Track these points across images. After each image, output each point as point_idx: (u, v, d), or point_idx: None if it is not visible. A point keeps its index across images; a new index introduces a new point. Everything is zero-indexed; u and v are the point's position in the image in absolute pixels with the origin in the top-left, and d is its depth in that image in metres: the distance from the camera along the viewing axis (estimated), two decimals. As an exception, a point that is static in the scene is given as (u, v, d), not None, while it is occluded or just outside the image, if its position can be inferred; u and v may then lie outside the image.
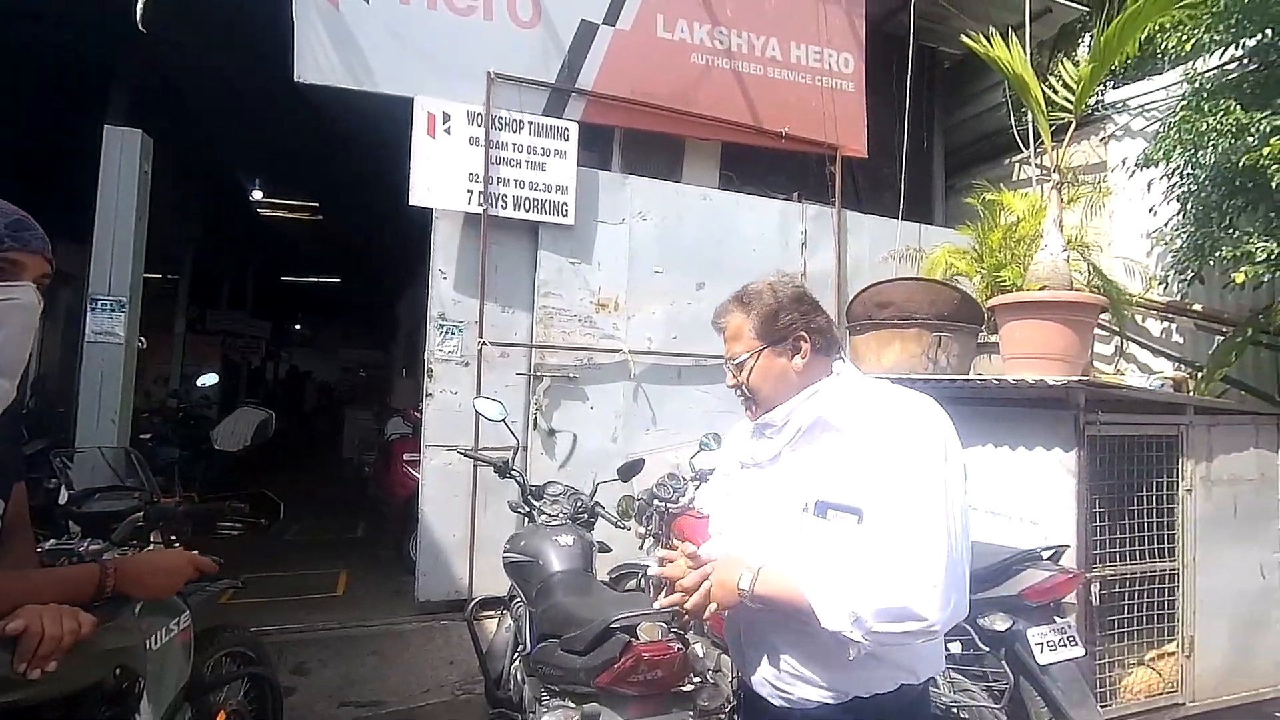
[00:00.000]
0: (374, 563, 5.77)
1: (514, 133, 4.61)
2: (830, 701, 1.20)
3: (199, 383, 8.01)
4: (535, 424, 4.63)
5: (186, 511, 1.80)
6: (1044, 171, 5.41)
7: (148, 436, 5.86)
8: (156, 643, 1.26)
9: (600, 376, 4.83)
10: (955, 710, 2.64)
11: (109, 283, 4.12)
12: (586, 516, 2.98)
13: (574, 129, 4.76)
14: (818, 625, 1.12)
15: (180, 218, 9.08)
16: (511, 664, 2.81)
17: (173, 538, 1.85)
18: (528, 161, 4.62)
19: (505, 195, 4.57)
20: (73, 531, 1.73)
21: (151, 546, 1.76)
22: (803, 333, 1.31)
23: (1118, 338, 5.22)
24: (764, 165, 5.77)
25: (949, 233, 5.65)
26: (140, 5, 3.61)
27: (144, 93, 5.63)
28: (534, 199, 4.63)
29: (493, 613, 3.31)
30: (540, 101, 4.79)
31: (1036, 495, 3.00)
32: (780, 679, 1.24)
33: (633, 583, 3.49)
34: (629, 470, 3.21)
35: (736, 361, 1.35)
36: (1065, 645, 2.51)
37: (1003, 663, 2.53)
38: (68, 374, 6.51)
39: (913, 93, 5.42)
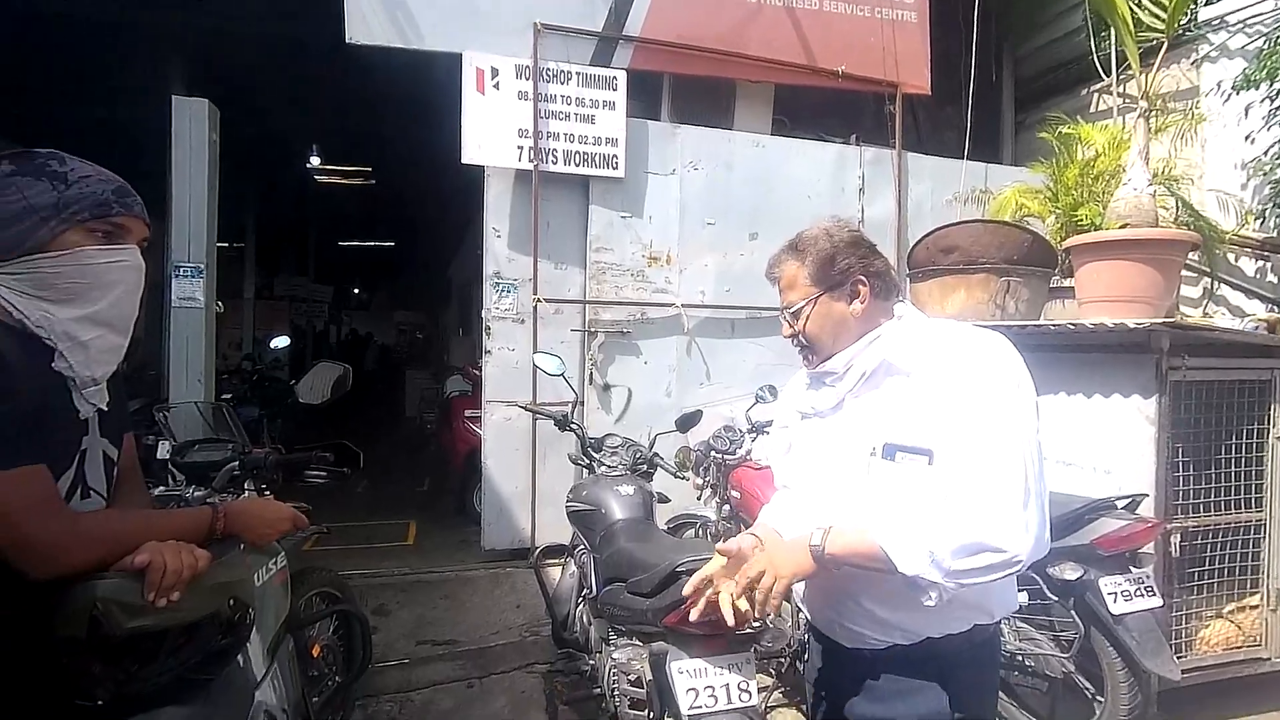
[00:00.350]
0: (440, 514, 6.04)
1: (562, 84, 4.55)
2: (902, 642, 1.21)
3: (272, 344, 8.42)
4: (590, 379, 4.69)
5: (277, 461, 1.92)
6: (1127, 100, 5.02)
7: (228, 397, 6.22)
8: (260, 580, 1.36)
9: (653, 331, 4.84)
10: (1020, 658, 2.63)
11: (188, 250, 4.33)
12: (645, 467, 3.04)
13: (622, 78, 4.66)
14: (895, 572, 1.11)
15: (242, 186, 9.42)
16: (577, 607, 2.93)
17: (264, 486, 1.98)
18: (576, 114, 4.57)
19: (555, 150, 4.54)
20: (177, 480, 1.87)
21: (246, 494, 1.90)
22: (861, 276, 1.28)
23: (1207, 278, 4.88)
24: (819, 107, 5.53)
25: (1019, 171, 5.34)
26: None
27: (204, 62, 5.78)
28: (584, 152, 4.59)
29: (556, 560, 3.44)
30: (587, 51, 4.70)
31: (1112, 444, 2.89)
32: (851, 621, 1.25)
33: (691, 531, 3.56)
34: (687, 422, 3.24)
35: (793, 310, 1.32)
36: (1141, 595, 2.44)
37: (1072, 612, 2.49)
38: (153, 339, 6.93)
39: (980, 22, 5.07)
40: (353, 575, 4.15)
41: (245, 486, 1.92)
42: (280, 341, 8.20)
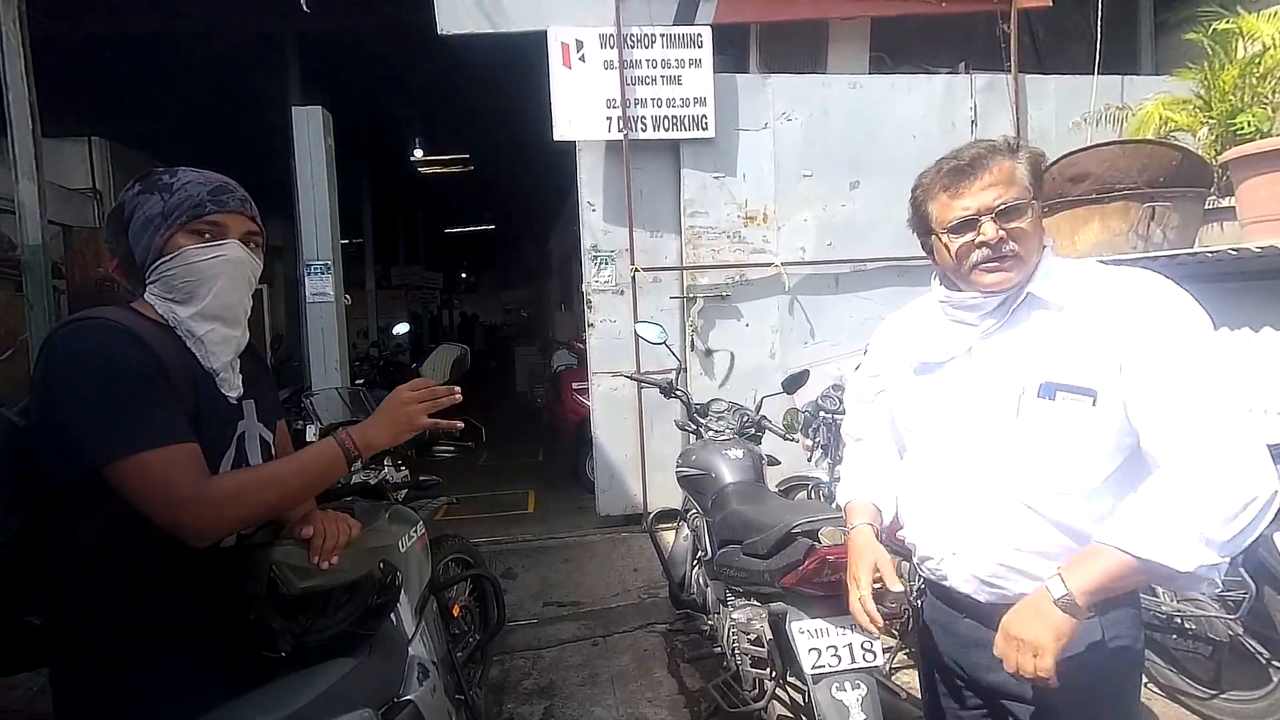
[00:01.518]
0: (556, 483, 6.32)
1: (646, 49, 4.49)
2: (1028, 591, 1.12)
3: (395, 331, 9.06)
4: (692, 345, 4.69)
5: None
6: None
7: (360, 382, 6.78)
8: (403, 546, 1.50)
9: (753, 292, 4.75)
10: (1179, 620, 2.41)
11: (316, 249, 4.71)
12: (753, 430, 3.02)
13: (707, 33, 4.52)
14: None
15: (357, 184, 10.08)
16: (692, 570, 2.99)
17: (399, 461, 2.16)
18: (663, 77, 4.50)
19: (644, 117, 4.51)
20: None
21: (385, 469, 2.07)
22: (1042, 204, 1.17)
23: None
24: (921, 38, 5.12)
25: (1162, 81, 4.70)
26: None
27: (314, 70, 6.19)
28: (672, 116, 4.52)
29: (669, 524, 3.51)
30: (670, 10, 4.59)
31: (1286, 383, 2.54)
32: (994, 575, 1.17)
33: (803, 494, 3.51)
34: (794, 382, 3.18)
35: (1013, 206, 1.12)
36: (1328, 551, 2.16)
37: (1240, 569, 2.24)
38: (294, 333, 7.65)
39: (1109, -87, 4.47)
40: (480, 542, 4.46)
41: (384, 462, 2.10)
42: (401, 328, 8.82)
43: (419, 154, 9.81)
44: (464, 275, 23.39)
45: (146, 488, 1.05)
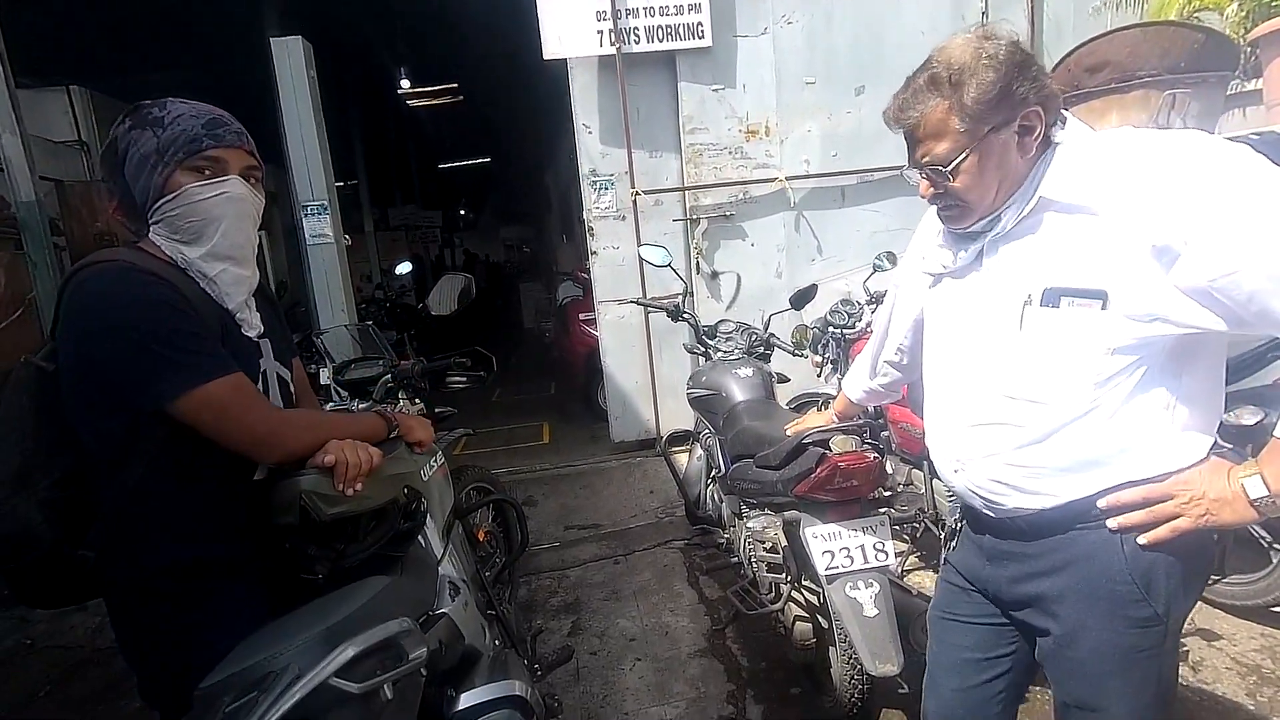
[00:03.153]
0: (569, 414, 6.42)
1: (635, -48, 4.23)
2: (1048, 507, 1.10)
3: (397, 271, 8.99)
4: (698, 268, 4.65)
5: (423, 370, 2.10)
6: None
7: (369, 324, 6.80)
8: (426, 474, 1.54)
9: (757, 210, 4.65)
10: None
11: (310, 189, 4.63)
12: (762, 349, 3.03)
13: (699, -68, 4.25)
14: None
15: (346, 124, 9.77)
16: (707, 487, 3.07)
17: (414, 395, 2.19)
18: (654, -18, 4.26)
19: (637, 28, 4.30)
20: (342, 396, 2.11)
21: (401, 403, 2.11)
22: (1037, 107, 1.02)
23: None
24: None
25: (1188, -42, 4.41)
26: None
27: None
28: (666, 25, 4.31)
29: (682, 446, 3.59)
30: (658, -92, 4.30)
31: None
32: (989, 490, 1.15)
33: (814, 409, 3.55)
34: (802, 298, 3.15)
35: (945, 165, 1.05)
36: (1337, 436, 2.17)
37: (1246, 455, 2.27)
38: (297, 279, 7.61)
39: None
40: (499, 473, 4.58)
41: (399, 396, 2.14)
42: (404, 267, 8.75)
43: (406, 85, 9.45)
44: (463, 212, 22.99)
45: (222, 415, 1.10)
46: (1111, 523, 1.06)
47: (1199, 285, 0.92)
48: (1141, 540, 1.04)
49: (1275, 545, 2.32)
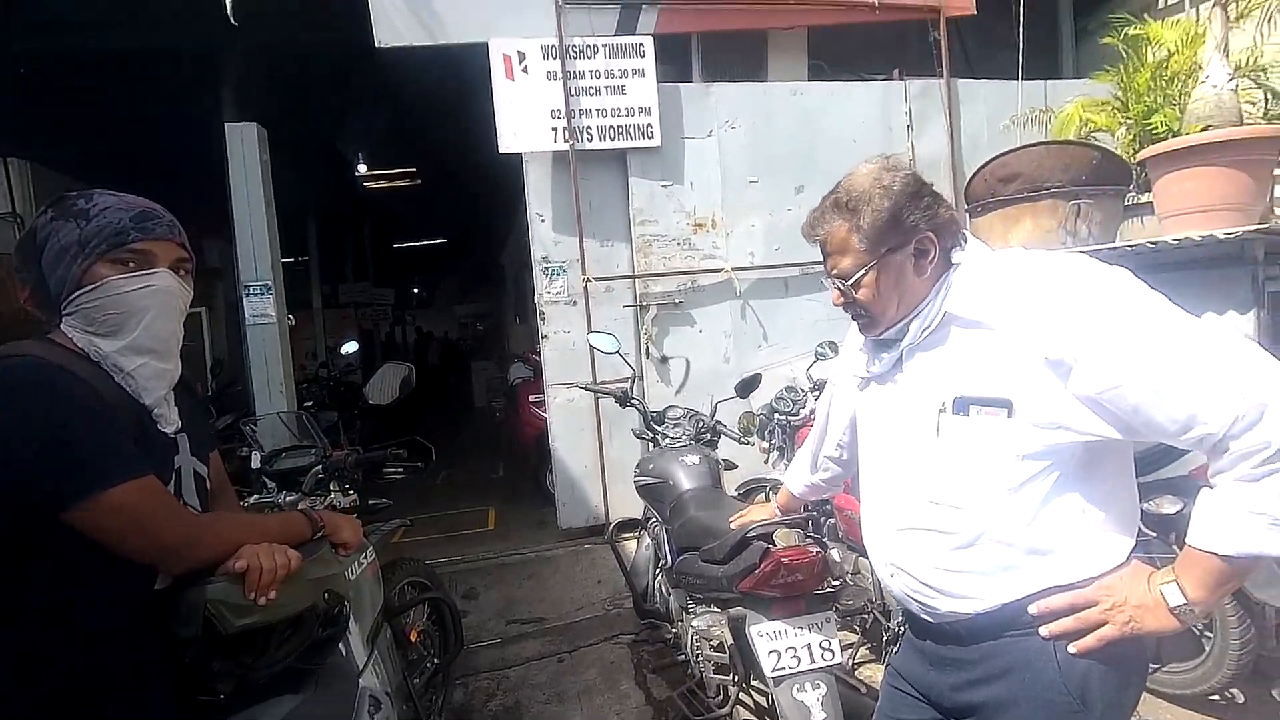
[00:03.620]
0: (516, 498, 6.24)
1: (589, 59, 4.51)
2: (979, 611, 1.11)
3: (343, 350, 8.82)
4: (647, 353, 4.71)
5: (357, 461, 2.02)
6: (1201, -10, 4.57)
7: (309, 405, 6.57)
8: (353, 574, 1.45)
9: (705, 298, 4.79)
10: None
11: (255, 268, 4.56)
12: (709, 436, 3.04)
13: (649, 43, 4.57)
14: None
15: (300, 201, 9.79)
16: (655, 578, 2.99)
17: (348, 486, 2.09)
18: (607, 87, 4.52)
19: (590, 127, 4.51)
20: (269, 487, 2.00)
21: (331, 494, 2.01)
22: (929, 233, 1.11)
23: (1307, 176, 4.43)
24: (858, 46, 5.28)
25: (1083, 84, 4.95)
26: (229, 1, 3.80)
27: (250, 86, 5.99)
28: (618, 125, 4.54)
29: (630, 534, 3.51)
30: (611, 21, 4.62)
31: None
32: (922, 594, 1.16)
33: (761, 496, 3.55)
34: (747, 386, 3.21)
35: (850, 279, 1.14)
36: (1250, 525, 2.28)
37: (1174, 548, 2.36)
38: (236, 357, 7.36)
39: (1027, -75, 4.70)
40: (440, 563, 4.36)
41: (330, 487, 2.04)
42: (349, 347, 8.59)
43: (363, 169, 9.60)
44: (416, 290, 22.96)
45: (129, 523, 1.03)
46: (1043, 630, 1.07)
47: (1090, 395, 0.98)
48: (1071, 649, 1.05)
49: (1207, 633, 2.38)
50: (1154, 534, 2.38)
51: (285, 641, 1.23)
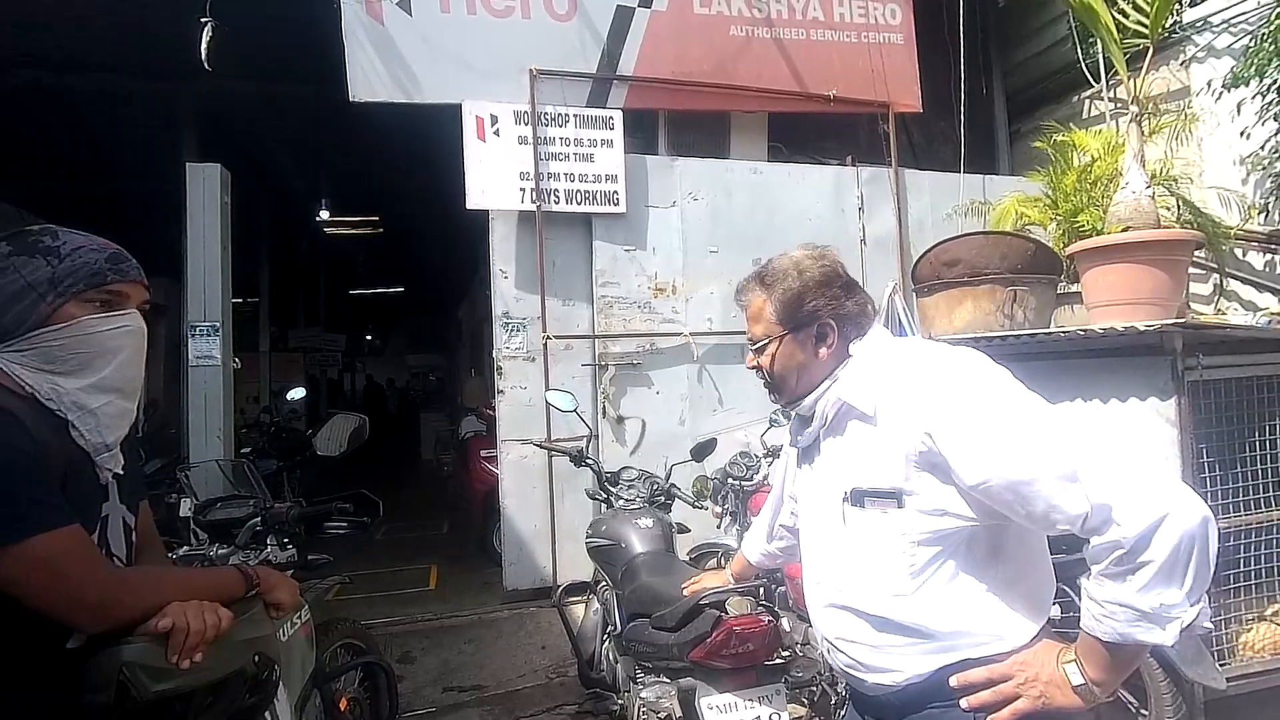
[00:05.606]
0: (461, 557, 6.02)
1: (560, 127, 4.66)
2: (900, 684, 1.14)
3: (289, 396, 8.52)
4: (604, 412, 4.70)
5: (298, 515, 1.94)
6: (1119, 104, 5.06)
7: (248, 451, 6.28)
8: (284, 635, 1.37)
9: (663, 361, 4.86)
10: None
11: (204, 309, 4.43)
12: (663, 499, 3.03)
13: (618, 117, 4.77)
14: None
15: (255, 242, 9.62)
16: (603, 645, 2.90)
17: (286, 540, 2.00)
18: (575, 154, 4.67)
19: (557, 190, 4.63)
20: (200, 539, 1.89)
21: (269, 549, 1.91)
22: (830, 320, 1.21)
23: (1216, 275, 4.85)
24: (813, 131, 5.62)
25: (1017, 181, 5.37)
26: (204, 45, 3.83)
27: (215, 128, 5.98)
28: (585, 190, 4.67)
29: (579, 597, 3.41)
30: (583, 93, 4.82)
31: (1134, 448, 2.84)
32: (857, 669, 1.20)
33: (713, 561, 3.52)
34: (702, 450, 3.24)
35: (756, 345, 1.27)
36: (1177, 603, 2.37)
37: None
38: (171, 399, 7.03)
39: (967, 37, 5.16)
40: (376, 623, 4.14)
41: (268, 542, 1.94)
42: (296, 393, 8.31)
43: (325, 215, 9.55)
44: (369, 338, 22.53)
45: (47, 576, 0.97)
46: (963, 702, 1.10)
47: (965, 488, 1.05)
48: None
49: (1142, 711, 2.42)
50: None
51: (205, 710, 1.13)
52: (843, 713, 1.40)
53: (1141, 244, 3.00)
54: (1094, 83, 5.11)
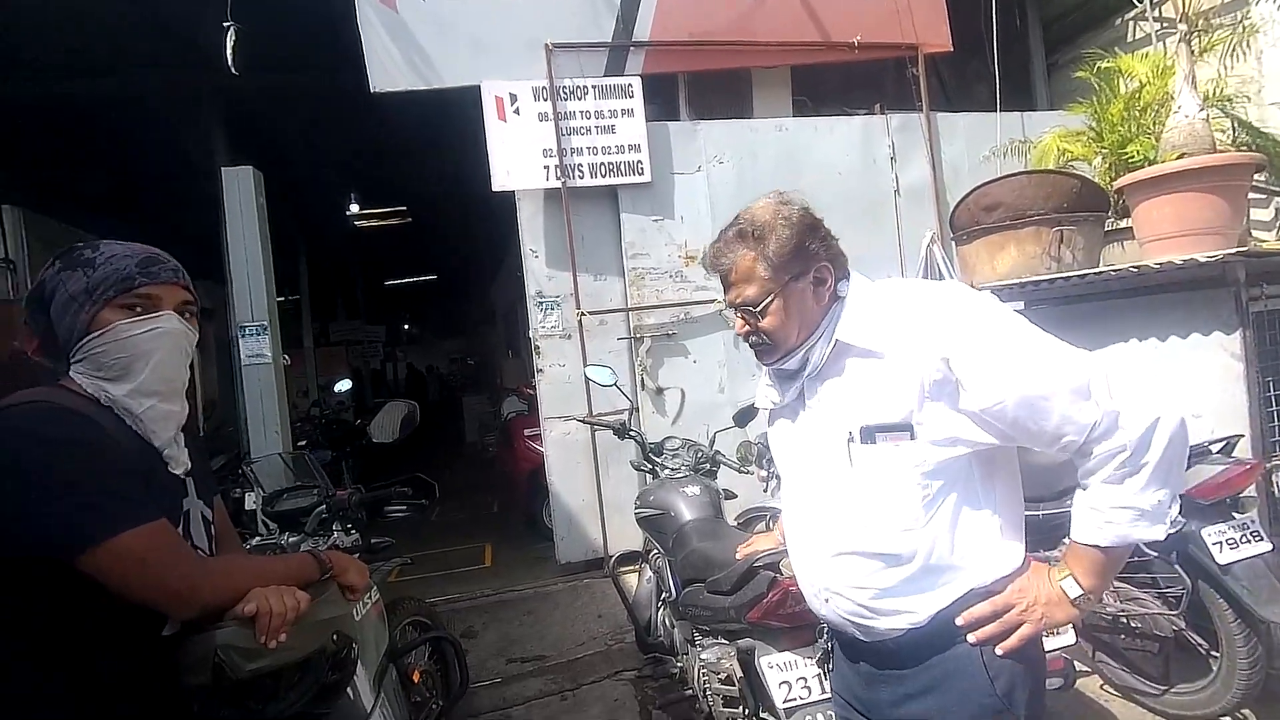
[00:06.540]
0: (512, 534, 6.17)
1: (579, 100, 4.61)
2: (914, 625, 1.16)
3: (336, 388, 8.79)
4: (643, 384, 4.72)
5: (360, 500, 2.01)
6: (1166, 24, 4.76)
7: (303, 444, 6.52)
8: (359, 614, 1.44)
9: (698, 329, 4.83)
10: (1125, 620, 2.52)
11: (250, 310, 4.57)
12: (708, 466, 3.04)
13: (637, 84, 4.69)
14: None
15: (292, 240, 9.85)
16: (658, 611, 2.96)
17: (350, 525, 2.08)
18: (597, 126, 4.62)
19: (581, 164, 4.60)
20: (270, 529, 1.98)
21: (335, 534, 1.99)
22: (826, 262, 1.20)
23: (1278, 198, 4.57)
24: (840, 82, 5.44)
25: (1058, 115, 5.11)
26: (229, 49, 3.88)
27: (246, 130, 6.08)
28: (609, 163, 4.63)
29: (631, 567, 3.48)
30: (600, 63, 4.74)
31: (1196, 387, 2.74)
32: (861, 616, 1.20)
33: (761, 524, 3.54)
34: (744, 416, 3.21)
35: (754, 306, 1.20)
36: (1248, 541, 2.31)
37: (1175, 567, 2.37)
38: (228, 398, 7.31)
39: (996, -34, 4.89)
40: (437, 601, 4.29)
41: (334, 528, 2.02)
42: (343, 385, 8.57)
43: (355, 209, 9.69)
44: (406, 326, 22.95)
45: (139, 567, 1.03)
46: (971, 637, 1.14)
47: (976, 411, 1.08)
48: (999, 650, 1.14)
49: (1214, 653, 2.38)
50: (1154, 554, 2.40)
51: (294, 686, 1.21)
52: (829, 666, 1.41)
53: (1196, 171, 2.84)
54: (1137, 2, 4.80)
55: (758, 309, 1.20)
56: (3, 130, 5.91)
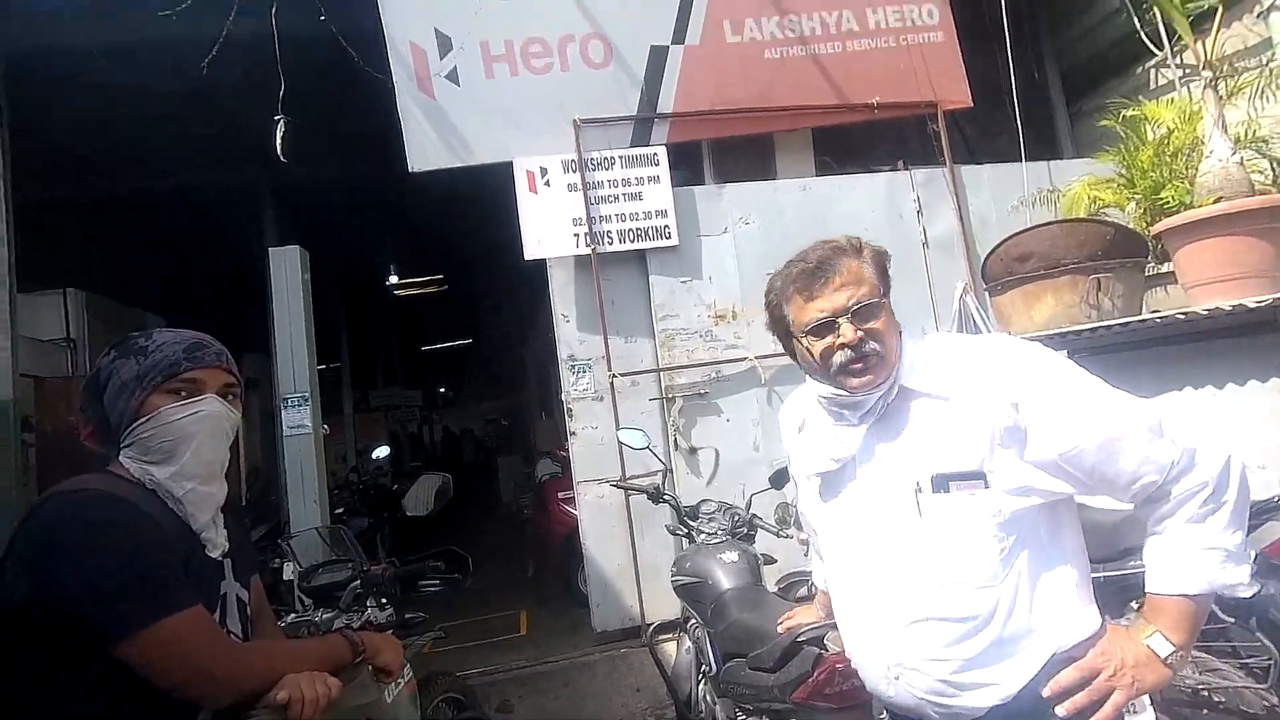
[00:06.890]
0: (548, 599, 6.06)
1: (607, 170, 4.77)
2: (998, 701, 1.08)
3: (374, 455, 8.92)
4: (676, 445, 4.68)
5: (394, 575, 2.01)
6: (1188, 70, 4.76)
7: (340, 511, 6.59)
8: (390, 696, 1.41)
9: (731, 388, 4.80)
10: (1206, 693, 2.32)
11: (294, 381, 4.71)
12: (746, 530, 2.97)
13: (662, 152, 4.84)
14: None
15: (332, 312, 10.23)
16: (699, 686, 2.83)
17: (384, 600, 2.07)
18: (624, 194, 4.75)
19: (609, 231, 4.72)
20: (305, 604, 1.99)
21: (369, 610, 1.98)
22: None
23: (1327, 237, 4.42)
24: (862, 141, 5.53)
25: (1085, 164, 5.09)
26: (279, 139, 4.15)
27: (290, 212, 6.44)
28: (636, 228, 4.74)
29: (669, 635, 3.37)
30: (626, 134, 4.92)
31: (1256, 437, 2.60)
32: (941, 693, 1.10)
33: (803, 590, 3.40)
34: (780, 477, 3.15)
35: (865, 306, 1.12)
36: (1336, 605, 2.13)
37: (1257, 634, 2.19)
38: (270, 463, 7.47)
39: (1011, 20, 4.98)
40: (472, 673, 4.20)
41: (368, 603, 2.01)
42: (381, 451, 8.71)
43: (394, 279, 10.06)
44: (443, 390, 23.35)
45: (176, 654, 1.04)
46: (1060, 709, 1.06)
47: (1051, 459, 1.05)
48: None
49: None
50: (1231, 620, 2.23)
51: (325, 775, 1.18)
52: None
53: (1236, 214, 2.78)
54: (1157, 51, 4.82)
55: (869, 308, 1.13)
56: (72, 223, 6.36)
